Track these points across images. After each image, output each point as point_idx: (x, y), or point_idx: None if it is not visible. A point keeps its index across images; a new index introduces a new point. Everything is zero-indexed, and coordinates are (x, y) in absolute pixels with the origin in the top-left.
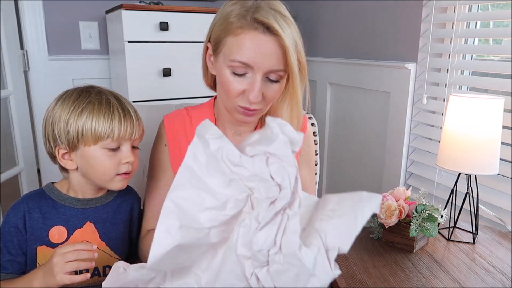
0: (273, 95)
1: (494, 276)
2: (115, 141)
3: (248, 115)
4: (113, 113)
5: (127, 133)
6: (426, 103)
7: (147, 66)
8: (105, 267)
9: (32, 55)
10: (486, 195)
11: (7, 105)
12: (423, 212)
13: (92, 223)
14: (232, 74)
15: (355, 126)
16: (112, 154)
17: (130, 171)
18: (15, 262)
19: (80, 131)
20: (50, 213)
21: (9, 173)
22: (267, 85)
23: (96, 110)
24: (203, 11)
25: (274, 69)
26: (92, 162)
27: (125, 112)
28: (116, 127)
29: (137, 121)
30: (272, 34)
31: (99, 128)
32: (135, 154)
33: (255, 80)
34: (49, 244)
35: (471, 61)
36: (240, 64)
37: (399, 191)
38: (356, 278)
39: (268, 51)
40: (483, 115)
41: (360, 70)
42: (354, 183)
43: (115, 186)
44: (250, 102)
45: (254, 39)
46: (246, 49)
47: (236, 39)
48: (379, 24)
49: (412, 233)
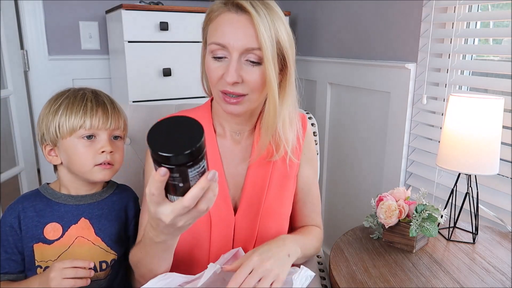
0: (254, 79)
1: (494, 276)
2: (88, 131)
3: (229, 102)
4: (85, 105)
5: (100, 122)
6: (426, 103)
7: (147, 66)
8: (101, 262)
9: (32, 55)
10: (486, 195)
11: (7, 105)
12: (423, 212)
13: (87, 219)
14: (212, 60)
15: (355, 126)
16: (89, 144)
17: (110, 161)
18: (11, 261)
19: (57, 126)
20: (45, 211)
21: (9, 173)
22: (247, 68)
23: (70, 104)
24: (203, 11)
25: (249, 47)
26: (70, 153)
27: (99, 103)
28: (87, 118)
29: (113, 112)
30: (245, 13)
31: (72, 120)
32: (117, 146)
33: (231, 60)
34: (45, 241)
35: (471, 61)
36: (216, 45)
37: (399, 191)
38: (356, 278)
39: (240, 29)
40: (483, 115)
41: (360, 70)
42: (354, 183)
43: (96, 177)
44: (227, 84)
45: (227, 19)
46: (220, 30)
47: (213, 24)
48: (379, 24)
49: (412, 233)
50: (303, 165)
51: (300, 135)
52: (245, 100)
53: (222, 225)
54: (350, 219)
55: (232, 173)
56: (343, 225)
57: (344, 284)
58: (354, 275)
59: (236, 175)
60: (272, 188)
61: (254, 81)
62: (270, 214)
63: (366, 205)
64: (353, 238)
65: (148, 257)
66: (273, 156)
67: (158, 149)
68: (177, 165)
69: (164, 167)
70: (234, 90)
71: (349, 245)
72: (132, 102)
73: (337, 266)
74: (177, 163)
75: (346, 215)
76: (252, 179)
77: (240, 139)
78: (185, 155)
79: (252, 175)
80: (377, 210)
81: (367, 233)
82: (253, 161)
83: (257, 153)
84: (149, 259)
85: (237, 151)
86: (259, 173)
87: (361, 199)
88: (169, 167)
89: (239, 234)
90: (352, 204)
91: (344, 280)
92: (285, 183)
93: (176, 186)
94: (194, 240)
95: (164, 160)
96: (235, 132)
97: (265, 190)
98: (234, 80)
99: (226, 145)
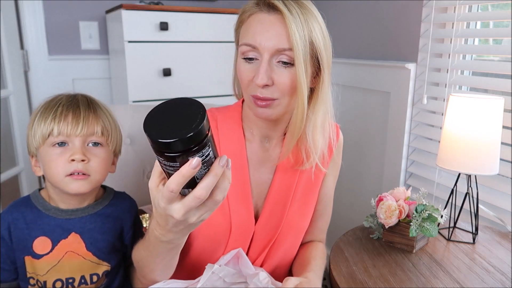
0: (284, 81)
1: (494, 276)
2: (57, 137)
3: (259, 105)
4: (56, 110)
5: (69, 127)
6: (426, 103)
7: (147, 66)
8: (92, 274)
9: (32, 55)
10: (486, 195)
11: (7, 105)
12: (423, 212)
13: (77, 234)
14: (243, 62)
15: (355, 126)
16: (60, 152)
17: (82, 171)
18: (4, 271)
19: (34, 135)
20: (35, 223)
21: (9, 173)
22: (278, 70)
23: (43, 111)
24: (203, 11)
25: (280, 47)
26: (44, 163)
27: (71, 107)
28: (56, 123)
29: (87, 117)
30: (277, 13)
31: (42, 127)
32: (94, 154)
33: (262, 61)
34: (34, 255)
35: (471, 61)
36: (246, 46)
37: (399, 191)
38: (356, 278)
39: (271, 29)
40: (483, 115)
41: (360, 70)
42: (354, 183)
43: (69, 188)
44: (257, 87)
45: (258, 19)
46: (251, 31)
47: (245, 25)
48: (379, 24)
49: (412, 233)
50: (328, 176)
51: (334, 145)
52: (275, 104)
53: (241, 233)
54: (350, 219)
55: (257, 180)
56: (343, 225)
57: (344, 284)
58: (354, 275)
59: (261, 183)
60: (296, 200)
61: (284, 84)
62: (290, 228)
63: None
64: (353, 238)
65: (151, 257)
66: (303, 164)
67: (158, 136)
68: (183, 151)
69: (190, 158)
70: (264, 94)
71: (349, 245)
72: (132, 102)
73: (337, 266)
74: (183, 148)
75: (346, 215)
76: (276, 189)
77: (268, 147)
78: (189, 137)
79: (277, 184)
80: (377, 210)
81: (367, 233)
82: (279, 162)
83: (282, 156)
84: (152, 258)
85: (264, 158)
86: (284, 183)
87: (361, 199)
88: (173, 155)
89: (255, 243)
90: (352, 204)
91: (344, 280)
92: (309, 195)
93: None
94: (211, 247)
95: (166, 148)
96: (264, 138)
97: (289, 201)
98: (264, 82)
99: (254, 150)
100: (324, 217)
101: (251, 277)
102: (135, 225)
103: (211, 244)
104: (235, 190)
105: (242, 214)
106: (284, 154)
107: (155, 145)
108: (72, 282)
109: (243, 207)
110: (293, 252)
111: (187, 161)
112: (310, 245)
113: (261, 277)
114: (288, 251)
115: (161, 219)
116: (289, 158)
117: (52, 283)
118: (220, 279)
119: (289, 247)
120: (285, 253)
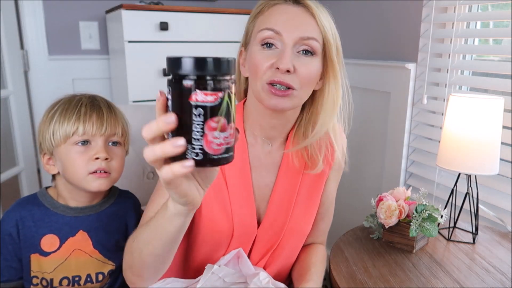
0: (307, 72)
1: (494, 276)
2: (81, 137)
3: (275, 94)
4: (79, 110)
5: (94, 128)
6: (426, 103)
7: (147, 66)
8: (98, 273)
9: (32, 55)
10: (486, 195)
11: (7, 105)
12: (423, 212)
13: (85, 232)
14: (261, 49)
15: (355, 126)
16: (83, 150)
17: (105, 169)
18: (11, 268)
19: (52, 133)
20: (43, 221)
21: (9, 173)
22: (300, 58)
23: (64, 110)
24: (203, 11)
25: (305, 36)
26: (65, 161)
27: (94, 108)
28: (81, 123)
29: (109, 117)
30: (301, 5)
31: (65, 126)
32: (114, 153)
33: (285, 47)
34: (42, 253)
35: (471, 61)
36: (268, 31)
37: (399, 191)
38: (356, 278)
39: (297, 18)
40: (483, 115)
41: (360, 70)
42: (354, 183)
43: (91, 186)
44: (280, 70)
45: (283, 9)
46: (273, 18)
47: (264, 15)
48: (379, 24)
49: (412, 233)
50: (331, 178)
51: (344, 146)
52: (293, 95)
53: (243, 237)
54: (350, 219)
55: (259, 183)
56: (343, 225)
57: (344, 284)
58: (354, 275)
59: (263, 187)
60: (299, 203)
61: (306, 73)
62: (293, 231)
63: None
64: (353, 238)
65: (157, 240)
66: (315, 168)
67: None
68: (198, 78)
69: (198, 92)
70: (284, 79)
71: (349, 245)
72: (132, 102)
73: (337, 266)
74: (204, 70)
75: (346, 215)
76: (279, 192)
77: (270, 150)
78: (217, 61)
79: (279, 187)
80: (377, 210)
81: (367, 233)
82: (289, 151)
83: (290, 157)
84: (158, 241)
85: (266, 162)
86: (287, 186)
87: (361, 199)
88: (188, 81)
89: (257, 246)
90: (352, 204)
91: (344, 280)
92: (312, 198)
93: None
94: (212, 250)
95: (191, 66)
96: (267, 140)
97: (292, 205)
98: (289, 67)
99: (256, 154)
100: (325, 220)
101: (251, 277)
102: (137, 225)
103: (213, 247)
104: (237, 194)
105: (244, 218)
106: (296, 154)
107: (177, 65)
108: (78, 280)
109: (246, 211)
110: (295, 255)
111: (190, 98)
112: (311, 248)
113: (261, 277)
114: (290, 254)
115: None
116: (293, 161)
117: (58, 281)
118: (220, 279)
119: (291, 250)
120: (287, 256)
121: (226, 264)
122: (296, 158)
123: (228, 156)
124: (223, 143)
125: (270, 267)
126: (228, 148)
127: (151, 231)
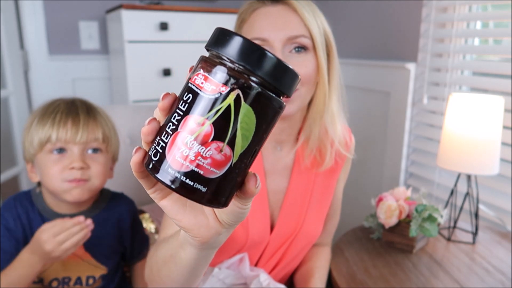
0: (303, 71)
1: (494, 276)
2: (55, 144)
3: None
4: (54, 117)
5: (68, 135)
6: (426, 103)
7: (147, 66)
8: (88, 277)
9: (32, 55)
10: (486, 195)
11: (7, 105)
12: (423, 212)
13: None
14: None
15: (355, 126)
16: (57, 159)
17: (81, 178)
18: (11, 261)
19: (31, 141)
20: (35, 221)
21: (9, 173)
22: (293, 58)
23: (41, 117)
24: (203, 11)
25: (292, 35)
26: (41, 169)
27: (70, 114)
28: (54, 130)
29: (87, 123)
30: (281, 4)
31: (39, 133)
32: (94, 160)
33: (275, 50)
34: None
35: (471, 61)
36: (255, 40)
37: (399, 191)
38: (356, 278)
39: (279, 19)
40: (483, 115)
41: (360, 70)
42: (354, 183)
43: (68, 196)
44: None
45: (263, 13)
46: (257, 25)
47: (248, 22)
48: (379, 24)
49: (412, 233)
50: (340, 180)
51: (350, 144)
52: (295, 96)
53: (256, 244)
54: (350, 219)
55: (273, 189)
56: (343, 225)
57: (344, 284)
58: (354, 275)
59: (277, 192)
60: (312, 207)
61: (303, 72)
62: (304, 236)
63: (366, 205)
64: (353, 238)
65: (173, 264)
66: (323, 165)
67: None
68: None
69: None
70: None
71: (349, 245)
72: (132, 102)
73: (337, 266)
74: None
75: (346, 215)
76: (292, 197)
77: (281, 155)
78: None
79: (292, 191)
80: (377, 210)
81: (367, 233)
82: (299, 145)
83: (304, 137)
84: (174, 266)
85: (279, 167)
86: (299, 190)
87: (361, 199)
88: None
89: (267, 251)
90: (352, 204)
91: (344, 280)
92: (324, 200)
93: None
94: (218, 255)
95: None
96: (277, 144)
97: (305, 209)
98: None
99: (268, 161)
100: (333, 221)
101: (251, 278)
102: (134, 227)
103: (222, 253)
104: (254, 203)
105: (259, 226)
106: (307, 154)
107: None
108: (68, 281)
109: (261, 219)
110: (301, 257)
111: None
112: (316, 251)
113: (261, 279)
114: (297, 258)
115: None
116: (304, 162)
117: (48, 281)
118: (219, 281)
119: (299, 253)
120: (294, 259)
121: (229, 267)
122: (308, 158)
123: (198, 189)
124: (192, 159)
125: (276, 270)
126: (201, 177)
127: (167, 251)
